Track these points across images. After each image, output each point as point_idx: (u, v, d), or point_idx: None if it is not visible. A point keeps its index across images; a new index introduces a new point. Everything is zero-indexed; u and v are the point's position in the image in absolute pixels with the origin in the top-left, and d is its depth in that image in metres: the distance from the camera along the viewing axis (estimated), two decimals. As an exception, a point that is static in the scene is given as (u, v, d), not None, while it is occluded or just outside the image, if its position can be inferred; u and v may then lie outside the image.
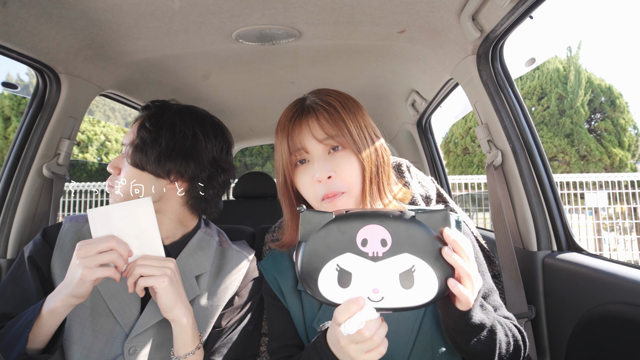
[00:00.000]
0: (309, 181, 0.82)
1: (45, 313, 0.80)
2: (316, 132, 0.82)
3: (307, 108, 0.84)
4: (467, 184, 7.27)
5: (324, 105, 0.83)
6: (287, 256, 0.94)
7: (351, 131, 0.81)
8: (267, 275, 0.94)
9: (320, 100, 0.84)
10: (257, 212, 2.50)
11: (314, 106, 0.84)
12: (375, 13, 1.21)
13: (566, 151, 8.24)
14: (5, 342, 0.80)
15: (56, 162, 1.42)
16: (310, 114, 0.83)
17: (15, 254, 1.33)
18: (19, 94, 1.63)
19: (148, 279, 0.81)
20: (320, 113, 0.82)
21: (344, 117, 0.82)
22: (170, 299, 0.83)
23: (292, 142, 0.83)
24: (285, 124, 0.85)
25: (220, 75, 1.74)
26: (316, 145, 0.82)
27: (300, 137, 0.82)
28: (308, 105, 0.85)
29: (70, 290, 0.78)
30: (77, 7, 1.10)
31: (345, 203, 0.81)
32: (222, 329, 0.98)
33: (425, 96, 1.87)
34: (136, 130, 1.00)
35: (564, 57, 8.81)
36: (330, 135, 0.81)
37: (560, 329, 1.13)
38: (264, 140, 3.22)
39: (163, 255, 0.87)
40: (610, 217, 6.96)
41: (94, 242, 0.80)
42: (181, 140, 0.99)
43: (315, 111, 0.83)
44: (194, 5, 1.13)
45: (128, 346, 0.90)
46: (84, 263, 0.77)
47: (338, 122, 0.81)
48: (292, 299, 0.89)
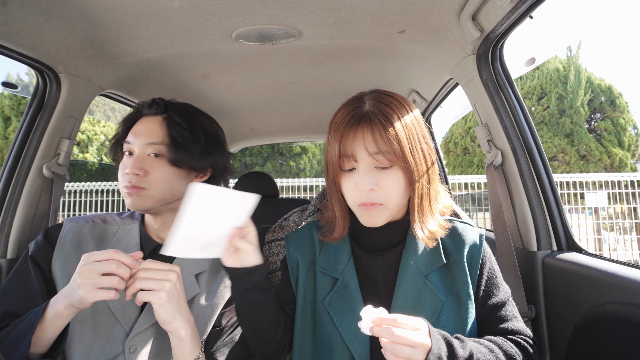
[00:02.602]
0: (351, 186, 0.84)
1: (49, 317, 0.80)
2: (369, 145, 0.80)
3: (365, 116, 0.82)
4: (467, 184, 7.27)
5: (383, 117, 0.81)
6: (310, 234, 0.98)
7: (404, 151, 0.80)
8: (289, 248, 0.98)
9: (379, 111, 0.82)
10: (257, 212, 2.49)
11: (371, 116, 0.81)
12: (375, 13, 1.21)
13: (566, 151, 8.23)
14: (7, 344, 0.80)
15: (56, 162, 1.42)
16: (367, 123, 0.81)
17: (15, 253, 1.33)
18: (19, 93, 1.63)
19: (146, 294, 0.79)
20: (376, 125, 0.80)
21: (400, 135, 0.80)
22: (168, 313, 0.81)
23: (344, 147, 0.82)
24: (340, 127, 0.84)
25: (220, 75, 1.74)
26: (366, 157, 0.81)
27: (353, 146, 0.82)
28: (366, 113, 0.82)
29: (70, 301, 0.78)
30: (77, 7, 1.10)
31: (381, 213, 0.84)
32: (222, 328, 0.98)
33: (425, 96, 1.87)
34: (164, 128, 0.99)
35: (564, 57, 8.81)
36: (381, 151, 0.80)
37: (560, 329, 1.13)
38: (264, 140, 3.22)
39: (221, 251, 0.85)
40: (610, 217, 6.96)
41: (97, 264, 0.77)
42: (215, 134, 1.06)
43: (372, 122, 0.81)
44: (194, 5, 1.13)
45: (129, 345, 0.90)
46: (84, 285, 0.75)
47: (392, 140, 0.80)
48: (307, 276, 0.94)
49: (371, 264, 0.91)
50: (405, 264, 0.88)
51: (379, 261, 0.91)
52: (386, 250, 0.91)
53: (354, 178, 0.83)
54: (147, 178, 0.96)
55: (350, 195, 0.85)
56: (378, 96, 0.86)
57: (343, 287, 0.89)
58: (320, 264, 0.93)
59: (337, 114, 0.87)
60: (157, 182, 0.96)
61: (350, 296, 0.88)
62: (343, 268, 0.91)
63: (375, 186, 0.81)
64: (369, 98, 0.86)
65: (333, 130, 0.86)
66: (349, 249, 0.93)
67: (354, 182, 0.83)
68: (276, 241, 1.25)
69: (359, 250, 0.93)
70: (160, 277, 0.81)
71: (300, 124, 2.75)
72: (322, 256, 0.94)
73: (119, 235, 1.02)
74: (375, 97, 0.86)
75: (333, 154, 0.85)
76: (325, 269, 0.92)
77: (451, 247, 0.91)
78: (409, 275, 0.87)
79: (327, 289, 0.91)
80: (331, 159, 0.86)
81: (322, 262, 0.93)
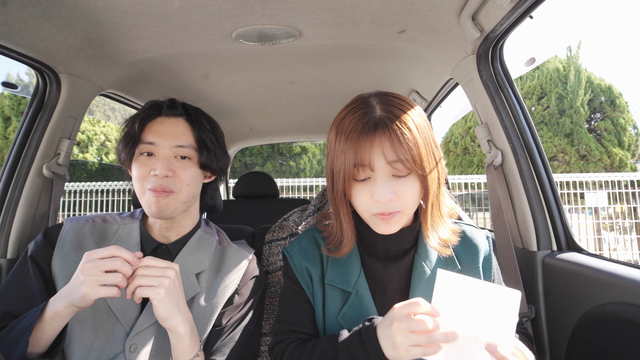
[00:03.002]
0: (365, 196, 0.79)
1: (48, 317, 0.80)
2: (388, 153, 0.76)
3: (380, 122, 0.77)
4: (467, 183, 7.27)
5: (400, 123, 0.77)
6: (316, 245, 0.93)
7: (422, 156, 0.77)
8: (293, 261, 0.92)
9: (394, 115, 0.78)
10: (257, 212, 2.50)
11: (387, 121, 0.77)
12: (375, 13, 1.21)
13: (566, 151, 8.23)
14: (6, 344, 0.80)
15: (56, 162, 1.42)
16: (383, 130, 0.76)
17: (15, 253, 1.33)
18: (19, 93, 1.63)
19: (144, 290, 0.80)
20: (393, 132, 0.76)
21: (417, 140, 0.77)
22: (166, 309, 0.82)
23: (360, 156, 0.76)
24: (353, 134, 0.77)
25: (220, 75, 1.74)
26: (384, 165, 0.77)
27: (371, 155, 0.76)
28: (381, 119, 0.77)
29: (71, 300, 0.78)
30: (77, 7, 1.10)
31: (398, 220, 0.81)
32: (222, 328, 0.98)
33: (425, 96, 1.87)
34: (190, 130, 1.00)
35: (564, 56, 8.80)
36: (400, 159, 0.76)
37: (560, 329, 1.13)
38: (263, 140, 3.22)
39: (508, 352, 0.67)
40: (610, 216, 6.96)
41: (100, 261, 0.78)
42: (224, 137, 1.09)
43: (388, 128, 0.76)
44: (194, 5, 1.13)
45: (129, 344, 0.90)
46: (87, 281, 0.76)
47: (411, 146, 0.76)
48: (316, 290, 0.89)
49: (383, 272, 0.88)
50: (419, 269, 0.86)
51: (392, 269, 0.88)
52: (398, 258, 0.88)
53: (369, 188, 0.79)
54: (176, 180, 0.96)
55: (364, 205, 0.80)
56: (387, 99, 0.81)
57: (357, 301, 0.86)
58: (330, 277, 0.88)
59: (346, 119, 0.80)
60: (185, 184, 0.97)
61: (366, 309, 0.85)
62: (356, 280, 0.86)
63: (393, 196, 0.77)
64: (378, 101, 0.81)
65: (344, 138, 0.79)
66: (359, 259, 0.89)
67: (368, 192, 0.79)
68: (276, 241, 1.25)
69: (369, 259, 0.89)
70: (158, 274, 0.82)
71: (300, 124, 2.75)
72: (331, 268, 0.89)
73: (119, 234, 1.02)
74: (385, 101, 0.81)
75: (346, 163, 0.78)
76: (336, 282, 0.87)
77: (462, 252, 0.90)
78: (423, 281, 0.85)
79: (339, 303, 0.87)
80: (342, 169, 0.79)
81: (332, 275, 0.88)
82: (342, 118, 0.81)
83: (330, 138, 0.83)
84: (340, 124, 0.81)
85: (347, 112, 0.81)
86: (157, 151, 0.97)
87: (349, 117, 0.80)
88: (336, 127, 0.82)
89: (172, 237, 1.03)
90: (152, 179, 0.94)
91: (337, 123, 0.82)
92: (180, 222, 1.03)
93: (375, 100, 0.81)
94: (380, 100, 0.81)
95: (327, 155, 0.86)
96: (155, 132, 0.98)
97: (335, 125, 0.82)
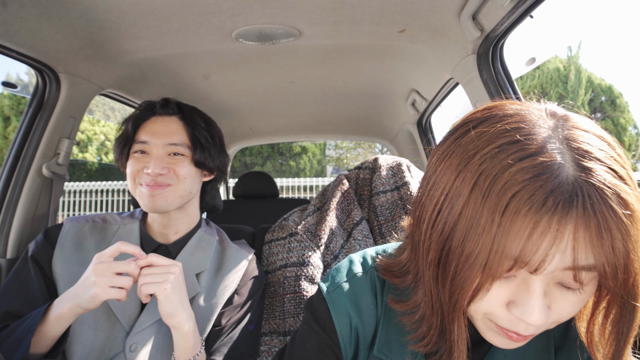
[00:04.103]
0: (499, 304, 0.47)
1: (52, 319, 0.80)
2: (581, 254, 0.41)
3: (581, 203, 0.40)
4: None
5: (617, 203, 0.40)
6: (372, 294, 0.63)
7: (634, 264, 0.42)
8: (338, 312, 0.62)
9: (606, 187, 0.41)
10: (257, 212, 2.50)
11: (597, 207, 0.40)
12: (375, 12, 1.21)
13: (566, 151, 8.23)
14: (8, 344, 0.80)
15: (56, 161, 1.42)
16: (583, 210, 0.40)
17: (15, 253, 1.33)
18: (19, 93, 1.63)
19: (150, 286, 0.81)
20: (601, 214, 0.40)
21: (630, 231, 0.41)
22: (172, 305, 0.82)
23: (528, 249, 0.41)
24: (527, 209, 0.40)
25: (220, 74, 1.74)
26: (559, 272, 0.43)
27: (548, 251, 0.41)
28: (582, 198, 0.40)
29: (79, 301, 0.78)
30: (77, 7, 1.10)
31: (527, 338, 0.50)
32: (222, 328, 0.98)
33: (426, 96, 1.87)
34: (184, 128, 1.00)
35: (564, 56, 8.82)
36: (590, 267, 0.42)
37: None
38: (264, 140, 3.22)
39: None
40: (610, 216, 6.95)
41: (113, 263, 0.79)
42: (222, 136, 1.10)
43: (592, 207, 0.40)
44: (194, 5, 1.13)
45: (129, 343, 0.90)
46: (99, 282, 0.77)
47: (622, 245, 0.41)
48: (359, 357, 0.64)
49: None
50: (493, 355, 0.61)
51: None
52: (476, 343, 0.60)
53: (509, 290, 0.46)
54: (172, 175, 0.97)
55: (494, 314, 0.48)
56: (588, 167, 0.42)
57: None
58: (381, 346, 0.62)
59: (496, 161, 0.43)
60: (182, 177, 0.97)
61: None
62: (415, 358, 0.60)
63: (546, 317, 0.45)
64: (576, 169, 0.41)
65: (497, 207, 0.42)
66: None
67: (504, 296, 0.47)
68: (276, 241, 1.25)
69: None
70: (163, 270, 0.83)
71: (300, 123, 2.75)
72: (385, 332, 0.62)
73: (119, 234, 1.02)
74: (584, 168, 0.42)
75: (493, 250, 0.42)
76: (388, 354, 0.61)
77: (560, 338, 0.62)
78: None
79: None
80: (482, 255, 0.43)
81: (384, 343, 0.62)
82: (485, 154, 0.44)
83: (449, 178, 0.47)
84: (483, 168, 0.43)
85: (500, 146, 0.44)
86: (150, 150, 0.98)
87: (506, 158, 0.42)
88: (469, 167, 0.45)
89: (171, 236, 1.03)
90: (145, 176, 0.95)
91: (468, 158, 0.45)
92: (177, 221, 1.03)
93: (575, 170, 0.41)
94: (575, 163, 0.42)
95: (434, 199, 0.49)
96: (148, 131, 0.99)
97: (464, 160, 0.46)
